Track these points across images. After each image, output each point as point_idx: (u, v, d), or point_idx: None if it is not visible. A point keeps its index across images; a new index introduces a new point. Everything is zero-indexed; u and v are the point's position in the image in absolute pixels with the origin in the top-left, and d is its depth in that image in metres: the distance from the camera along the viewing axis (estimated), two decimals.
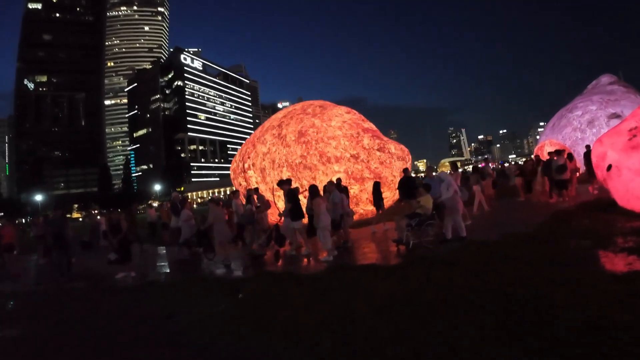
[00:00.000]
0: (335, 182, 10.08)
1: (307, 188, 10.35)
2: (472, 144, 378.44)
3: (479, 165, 15.90)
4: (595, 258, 5.26)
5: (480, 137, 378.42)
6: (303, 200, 9.66)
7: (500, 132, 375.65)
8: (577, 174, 13.22)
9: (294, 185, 11.80)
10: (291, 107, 15.09)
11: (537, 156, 15.25)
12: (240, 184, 14.52)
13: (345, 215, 8.83)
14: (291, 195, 8.64)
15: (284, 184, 9.19)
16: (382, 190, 10.85)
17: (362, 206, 11.69)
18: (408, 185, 9.76)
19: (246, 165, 14.16)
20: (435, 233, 7.94)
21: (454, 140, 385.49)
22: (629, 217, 7.51)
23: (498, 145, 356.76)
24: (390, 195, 11.59)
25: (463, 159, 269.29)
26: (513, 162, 22.46)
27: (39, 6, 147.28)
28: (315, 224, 8.07)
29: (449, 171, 10.18)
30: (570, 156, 13.12)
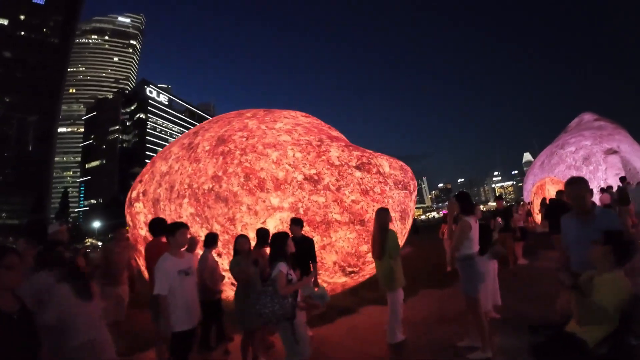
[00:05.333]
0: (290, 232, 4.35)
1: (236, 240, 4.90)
2: (433, 192, 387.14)
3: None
4: None
5: (440, 185, 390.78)
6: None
7: (459, 180, 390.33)
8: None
9: (190, 233, 6.37)
10: (226, 114, 9.90)
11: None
12: (129, 225, 8.91)
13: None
14: None
15: None
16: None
17: (327, 276, 6.17)
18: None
19: (134, 195, 8.63)
20: None
21: None
22: None
23: (457, 193, 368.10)
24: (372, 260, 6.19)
25: (425, 205, 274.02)
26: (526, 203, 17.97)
27: (6, 22, 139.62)
28: None
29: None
30: None
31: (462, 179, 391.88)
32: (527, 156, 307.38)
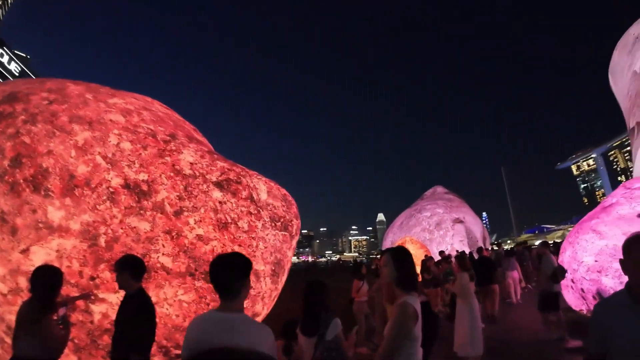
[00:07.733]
0: None
1: None
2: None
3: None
4: None
5: (304, 231, 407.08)
6: None
7: (321, 229, 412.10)
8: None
9: None
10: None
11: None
12: None
13: None
14: None
15: None
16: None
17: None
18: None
19: None
20: None
21: None
22: None
23: (318, 241, 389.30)
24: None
25: None
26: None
27: None
28: None
29: None
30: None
31: (325, 228, 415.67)
32: (380, 216, 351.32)
